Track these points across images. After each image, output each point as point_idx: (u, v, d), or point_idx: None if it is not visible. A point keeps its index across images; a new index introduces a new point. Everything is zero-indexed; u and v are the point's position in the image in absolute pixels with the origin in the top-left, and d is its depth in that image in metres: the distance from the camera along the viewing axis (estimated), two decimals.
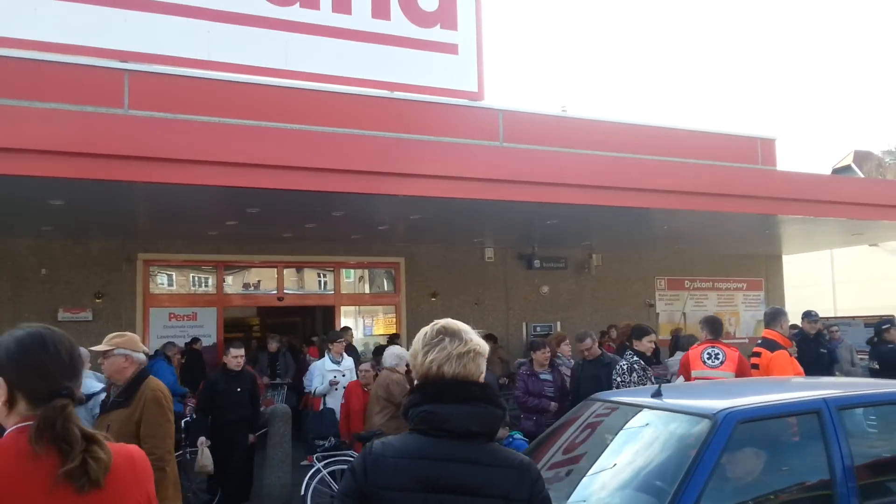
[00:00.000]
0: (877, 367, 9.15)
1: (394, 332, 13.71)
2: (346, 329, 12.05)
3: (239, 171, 7.89)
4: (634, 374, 6.75)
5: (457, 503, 1.93)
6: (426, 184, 8.93)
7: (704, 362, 6.77)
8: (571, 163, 10.32)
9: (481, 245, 14.15)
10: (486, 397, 2.05)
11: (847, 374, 12.22)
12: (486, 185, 9.24)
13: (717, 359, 6.73)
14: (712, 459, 3.52)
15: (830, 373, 10.52)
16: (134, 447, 1.88)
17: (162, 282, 12.52)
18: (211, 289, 12.81)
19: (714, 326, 7.09)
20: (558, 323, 14.60)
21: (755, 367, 6.65)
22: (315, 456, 7.55)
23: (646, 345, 7.03)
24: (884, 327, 10.51)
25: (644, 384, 6.60)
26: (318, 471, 7.35)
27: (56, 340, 1.80)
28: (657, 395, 4.25)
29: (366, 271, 14.21)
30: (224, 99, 10.64)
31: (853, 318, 17.55)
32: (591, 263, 15.22)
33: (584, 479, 3.96)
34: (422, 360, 2.09)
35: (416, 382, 2.13)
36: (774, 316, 6.95)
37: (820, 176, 15.84)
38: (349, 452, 7.61)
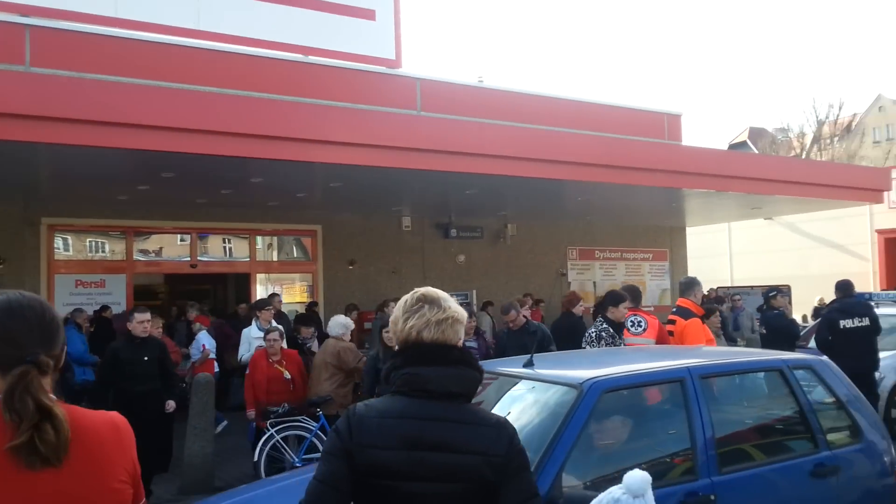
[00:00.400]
0: (764, 331, 9.66)
1: (311, 300, 13.64)
2: (274, 296, 11.86)
3: (147, 133, 7.67)
4: (602, 342, 6.73)
5: (438, 460, 2.02)
6: (343, 151, 8.90)
7: (628, 329, 6.94)
8: (488, 133, 10.46)
9: (399, 214, 14.20)
10: (464, 360, 2.15)
11: (749, 340, 12.91)
12: (403, 153, 9.28)
13: (640, 326, 6.91)
14: (577, 427, 3.58)
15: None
16: (115, 414, 1.82)
17: (67, 247, 12.09)
18: (120, 255, 12.44)
19: (635, 295, 7.27)
20: (474, 291, 14.84)
21: (670, 333, 6.93)
22: (268, 422, 7.46)
23: (621, 312, 6.94)
24: (771, 294, 11.16)
25: None
26: (272, 437, 7.31)
27: (25, 305, 1.72)
28: (529, 364, 4.28)
29: (281, 238, 14.07)
30: (132, 58, 10.26)
31: (752, 287, 18.46)
32: (506, 233, 15.49)
33: None
34: (402, 327, 2.17)
35: (396, 348, 2.21)
36: (689, 285, 7.28)
37: (722, 151, 16.54)
38: (301, 418, 7.58)
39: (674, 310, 7.30)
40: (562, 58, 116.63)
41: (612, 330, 6.82)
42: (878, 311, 9.41)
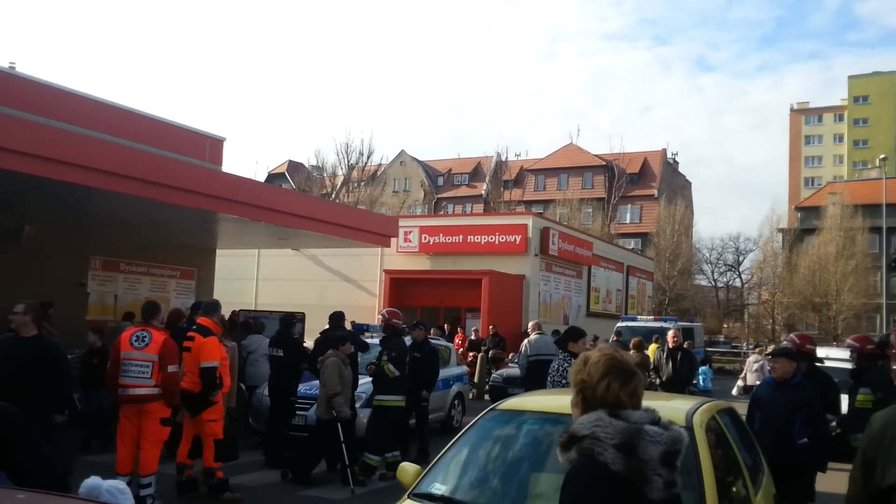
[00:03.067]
0: (281, 354, 10.36)
1: None
2: None
3: None
4: (567, 378, 6.90)
5: None
6: None
7: (132, 344, 7.11)
8: (13, 124, 9.58)
9: None
10: None
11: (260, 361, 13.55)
12: None
13: (144, 341, 7.13)
14: None
15: None
16: None
17: None
18: None
19: (149, 310, 7.49)
20: None
21: (188, 349, 7.70)
22: None
23: (581, 348, 7.32)
24: (290, 322, 12.01)
25: None
26: None
27: None
28: None
29: None
30: None
31: (272, 312, 19.47)
32: (22, 234, 14.03)
33: None
34: None
35: None
36: (214, 307, 8.23)
37: (258, 183, 17.37)
38: None
39: (195, 328, 7.92)
40: (117, 65, 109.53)
41: None
42: (373, 340, 10.96)
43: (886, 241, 45.83)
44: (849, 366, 9.55)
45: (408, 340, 10.50)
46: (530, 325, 13.92)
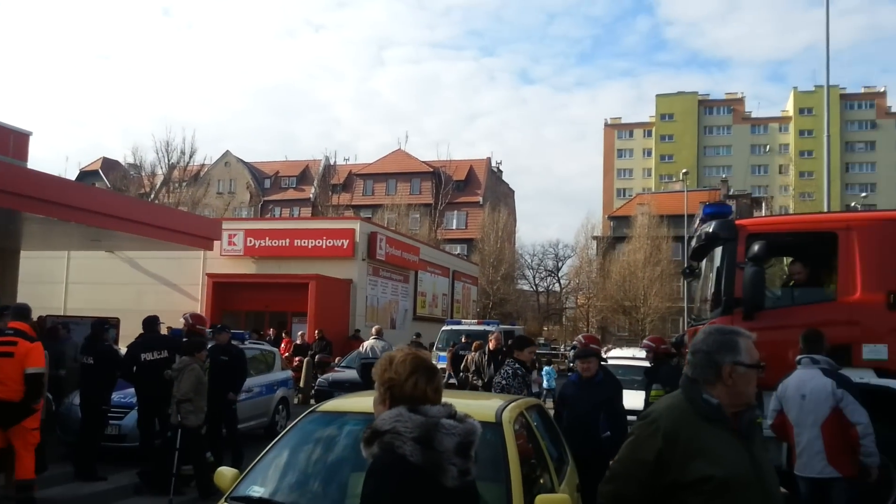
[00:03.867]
0: (91, 361, 9.88)
1: None
2: None
3: None
4: (517, 380, 7.29)
5: None
6: None
7: None
8: None
9: None
10: None
11: (70, 369, 12.76)
12: None
13: None
14: None
15: None
16: None
17: None
18: None
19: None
20: None
21: (10, 354, 7.27)
22: None
23: (527, 355, 7.75)
24: (102, 328, 11.41)
25: (523, 391, 7.11)
26: None
27: None
28: None
29: None
30: None
31: (83, 317, 18.32)
32: None
33: None
34: None
35: None
36: (25, 311, 7.95)
37: (68, 181, 16.34)
38: None
39: (10, 332, 7.54)
40: None
41: (523, 369, 7.53)
42: None
43: (687, 249, 49.68)
44: (647, 364, 10.46)
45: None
46: (374, 329, 15.31)
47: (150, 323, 10.24)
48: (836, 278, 7.88)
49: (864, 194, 69.49)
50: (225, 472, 4.29)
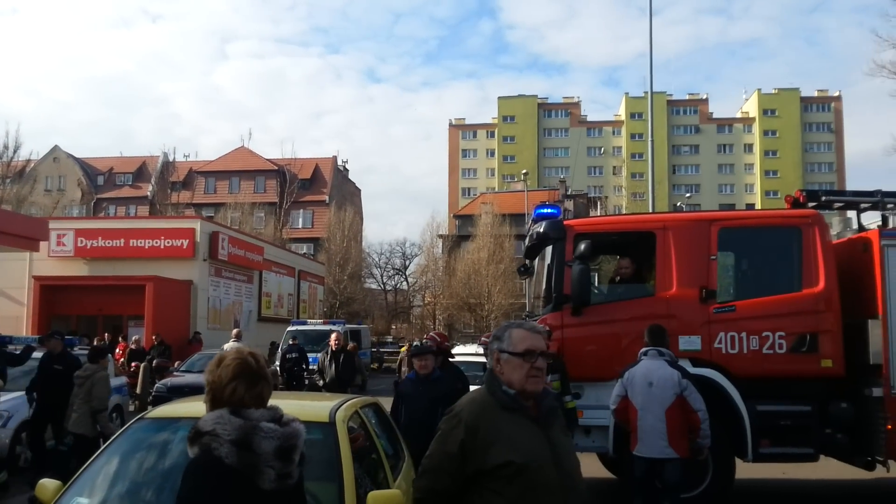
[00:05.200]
0: None
1: None
2: None
3: None
4: None
5: None
6: None
7: None
8: None
9: None
10: None
11: None
12: None
13: None
14: None
15: None
16: None
17: None
18: None
19: None
20: None
21: None
22: None
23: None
24: None
25: None
26: None
27: None
28: None
29: None
30: None
31: None
32: None
33: None
34: None
35: None
36: None
37: None
38: None
39: None
40: None
41: None
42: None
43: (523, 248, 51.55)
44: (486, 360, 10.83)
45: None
46: (234, 332, 16.87)
47: None
48: (655, 275, 8.53)
49: (688, 195, 74.93)
50: (47, 485, 4.14)
